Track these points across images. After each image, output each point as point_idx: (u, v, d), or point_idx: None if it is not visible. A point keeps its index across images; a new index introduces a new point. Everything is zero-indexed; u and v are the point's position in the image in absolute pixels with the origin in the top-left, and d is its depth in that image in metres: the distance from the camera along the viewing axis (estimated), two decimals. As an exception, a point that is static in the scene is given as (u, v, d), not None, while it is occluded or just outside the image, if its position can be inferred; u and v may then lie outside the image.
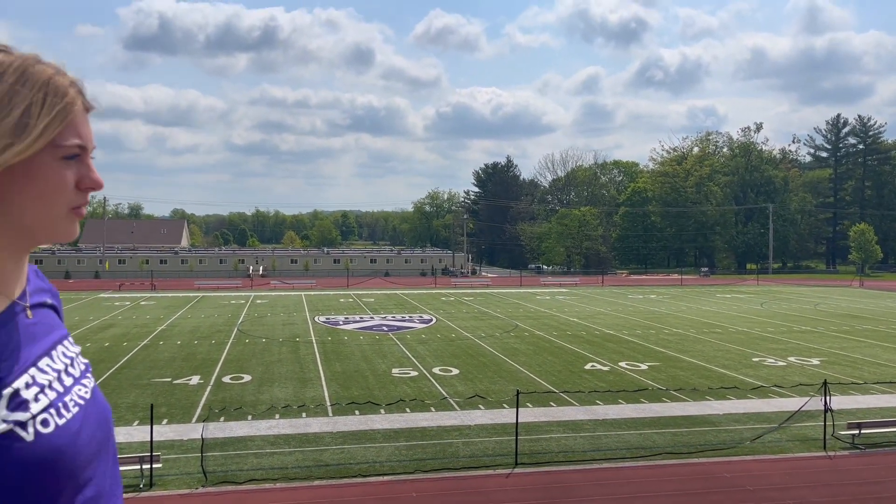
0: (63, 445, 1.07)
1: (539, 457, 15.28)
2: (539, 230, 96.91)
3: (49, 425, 1.07)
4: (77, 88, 1.14)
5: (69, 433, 1.09)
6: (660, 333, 33.36)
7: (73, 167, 1.13)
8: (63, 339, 1.23)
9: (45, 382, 1.11)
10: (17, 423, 1.03)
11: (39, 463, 1.03)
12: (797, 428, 17.46)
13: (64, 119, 1.10)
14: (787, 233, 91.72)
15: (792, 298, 52.09)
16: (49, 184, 1.10)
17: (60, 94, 1.11)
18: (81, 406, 1.16)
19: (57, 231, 1.14)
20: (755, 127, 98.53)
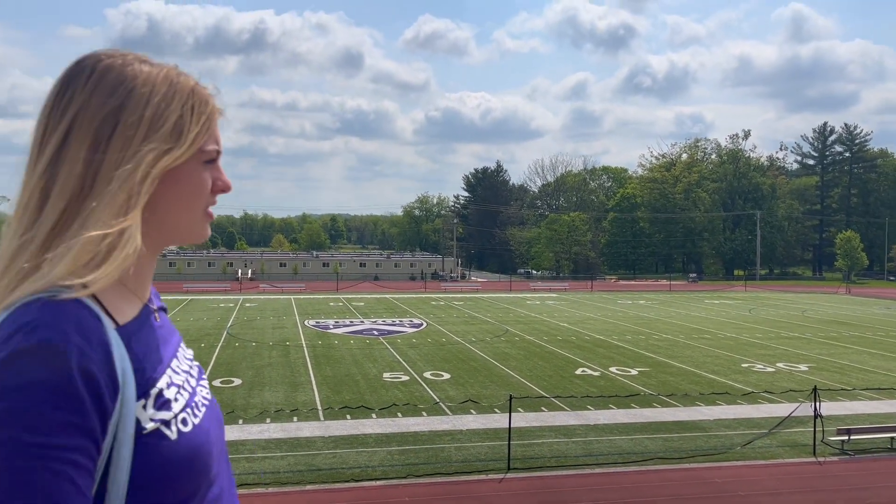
0: (199, 444, 1.10)
1: (532, 462, 15.28)
2: (528, 235, 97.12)
3: (188, 424, 1.10)
4: (205, 86, 1.20)
5: (203, 432, 1.13)
6: (649, 339, 33.48)
7: (209, 170, 1.18)
8: (180, 342, 1.27)
9: (180, 383, 1.15)
10: (162, 422, 1.06)
11: (181, 461, 1.06)
12: (787, 434, 17.56)
13: (209, 126, 1.16)
14: (775, 239, 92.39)
15: (779, 305, 52.45)
16: (192, 187, 1.15)
17: (205, 102, 1.16)
18: (207, 406, 1.20)
19: (194, 232, 1.19)
20: (743, 134, 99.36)
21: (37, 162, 1.08)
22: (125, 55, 1.13)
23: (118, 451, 1.00)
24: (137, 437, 1.02)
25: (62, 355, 0.94)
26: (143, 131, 1.09)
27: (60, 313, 0.98)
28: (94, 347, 0.98)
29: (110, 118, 1.08)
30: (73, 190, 1.05)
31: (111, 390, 0.99)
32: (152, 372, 1.10)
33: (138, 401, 1.04)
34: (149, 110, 1.09)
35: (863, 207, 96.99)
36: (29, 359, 0.93)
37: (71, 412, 0.93)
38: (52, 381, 0.93)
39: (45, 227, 1.05)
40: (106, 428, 0.98)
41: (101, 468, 0.98)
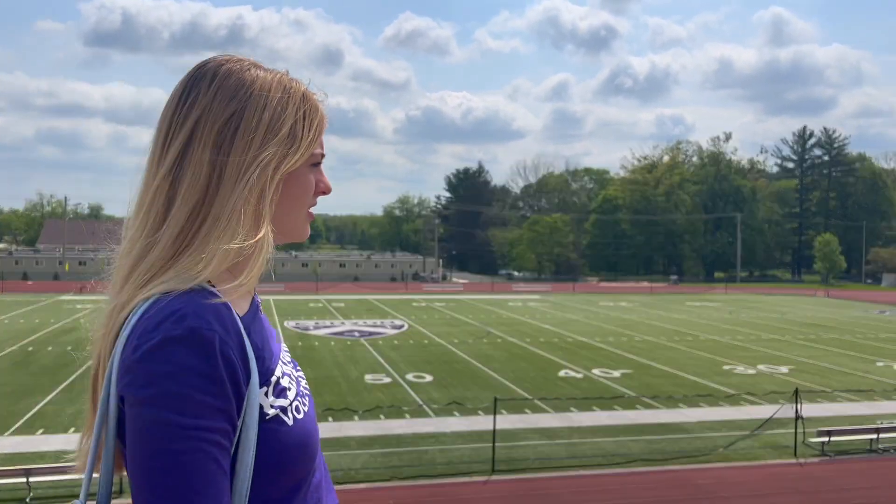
0: (309, 431, 1.16)
1: (516, 464, 15.21)
2: (510, 236, 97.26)
3: (300, 412, 1.16)
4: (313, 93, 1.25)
5: (311, 420, 1.19)
6: (631, 341, 33.58)
7: (314, 173, 1.24)
8: (276, 334, 1.30)
9: (289, 373, 1.21)
10: (281, 409, 1.12)
11: (297, 446, 1.12)
12: (769, 435, 17.64)
13: (320, 132, 1.23)
14: (755, 242, 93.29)
15: (759, 307, 52.91)
16: (301, 189, 1.21)
17: (315, 108, 1.22)
18: (308, 395, 1.25)
19: (297, 231, 1.24)
20: (724, 136, 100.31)
21: (160, 163, 1.14)
22: (241, 60, 1.19)
23: (245, 434, 1.05)
24: (261, 422, 1.08)
25: (208, 343, 1.01)
26: (262, 134, 1.14)
27: (202, 304, 1.05)
28: (231, 336, 1.05)
29: (232, 121, 1.13)
30: (199, 191, 1.11)
31: (245, 376, 1.06)
32: (270, 362, 1.16)
33: (261, 388, 1.10)
34: (266, 114, 1.14)
35: (841, 211, 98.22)
36: (178, 346, 1.00)
37: (215, 396, 1.00)
38: (200, 367, 0.99)
39: (175, 227, 1.11)
40: (240, 412, 1.05)
41: (232, 450, 1.05)
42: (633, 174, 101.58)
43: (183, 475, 0.96)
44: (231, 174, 1.11)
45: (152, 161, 1.16)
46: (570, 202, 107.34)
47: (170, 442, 0.97)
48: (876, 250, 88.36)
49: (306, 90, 1.22)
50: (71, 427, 17.50)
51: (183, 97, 1.15)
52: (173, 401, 0.98)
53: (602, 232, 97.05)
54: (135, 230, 1.15)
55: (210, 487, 0.98)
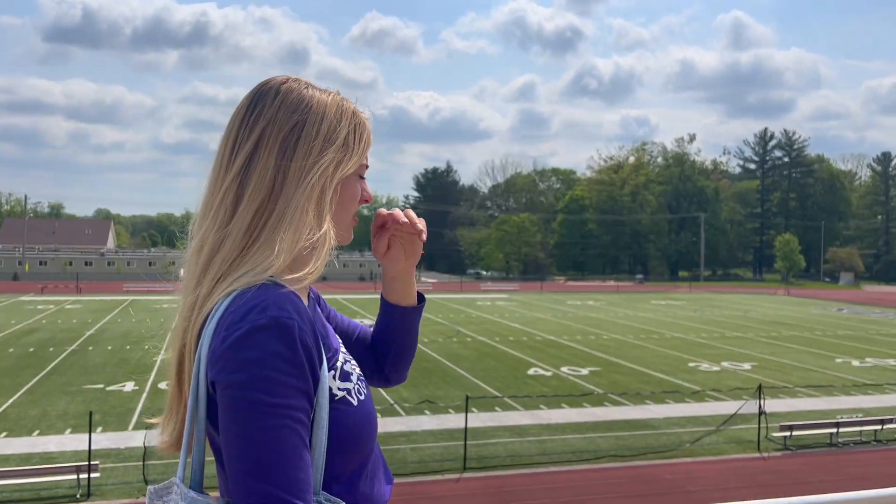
0: (371, 411, 1.29)
1: (487, 461, 15.34)
2: (478, 236, 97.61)
3: (362, 394, 1.28)
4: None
5: (371, 402, 1.31)
6: (599, 339, 34.01)
7: (359, 183, 1.38)
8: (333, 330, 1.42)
9: (349, 359, 1.33)
10: (346, 391, 1.25)
11: (362, 424, 1.24)
12: (733, 430, 18.04)
13: (368, 145, 1.37)
14: (718, 241, 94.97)
15: (723, 305, 53.91)
16: (350, 194, 1.34)
17: (363, 124, 1.36)
18: (365, 381, 1.35)
19: (345, 234, 1.36)
20: (688, 138, 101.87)
21: (229, 167, 1.27)
22: (300, 80, 1.33)
23: (318, 414, 1.17)
24: (331, 403, 1.20)
25: (289, 330, 1.12)
26: (321, 142, 1.28)
27: (280, 295, 1.16)
28: (307, 324, 1.15)
29: (295, 131, 1.27)
30: (265, 191, 1.24)
31: (319, 360, 1.17)
32: (334, 349, 1.28)
33: (329, 371, 1.22)
34: (324, 125, 1.29)
35: (801, 211, 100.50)
36: (263, 333, 1.11)
37: (297, 378, 1.12)
38: (284, 352, 1.10)
39: (243, 224, 1.23)
40: (316, 393, 1.16)
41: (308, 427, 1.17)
42: (599, 174, 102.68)
43: (272, 447, 1.08)
44: (293, 176, 1.25)
45: (220, 166, 1.28)
46: (537, 202, 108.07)
47: (260, 418, 1.08)
48: (834, 250, 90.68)
49: (355, 108, 1.37)
50: (35, 429, 17.18)
51: (250, 109, 1.29)
52: (262, 383, 1.08)
53: (569, 231, 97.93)
54: (205, 229, 1.27)
55: (294, 458, 1.09)
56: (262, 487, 1.07)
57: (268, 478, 1.08)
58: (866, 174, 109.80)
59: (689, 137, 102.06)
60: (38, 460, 14.81)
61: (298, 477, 1.09)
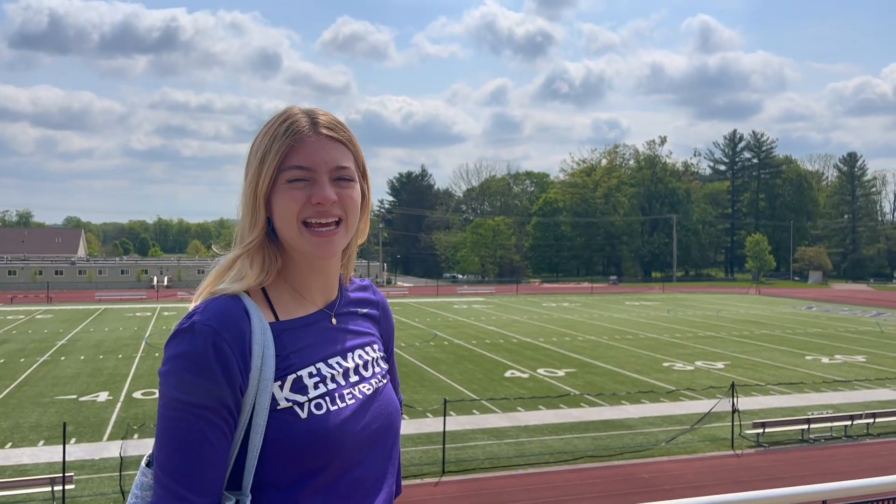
0: (330, 427, 1.29)
1: (466, 464, 15.42)
2: (454, 239, 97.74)
3: (321, 409, 1.30)
4: (310, 118, 1.36)
5: (338, 418, 1.31)
6: (574, 340, 34.27)
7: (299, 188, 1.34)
8: (367, 345, 1.47)
9: (328, 375, 1.35)
10: (295, 403, 1.28)
11: (308, 436, 1.27)
12: (707, 429, 18.32)
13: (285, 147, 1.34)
14: (690, 242, 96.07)
15: (696, 305, 54.60)
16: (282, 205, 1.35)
17: (284, 129, 1.35)
18: (359, 399, 1.37)
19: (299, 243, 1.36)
20: (660, 140, 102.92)
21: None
22: (293, 107, 1.38)
23: (255, 420, 1.25)
24: (272, 411, 1.26)
25: (203, 334, 1.23)
26: (252, 160, 1.36)
27: (213, 305, 1.28)
28: (230, 331, 1.25)
29: (251, 153, 1.38)
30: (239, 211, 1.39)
31: (242, 367, 1.25)
32: (296, 361, 1.32)
33: (275, 381, 1.28)
34: (256, 144, 1.36)
35: (770, 211, 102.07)
36: (181, 336, 1.24)
37: (203, 378, 1.21)
38: (191, 353, 1.22)
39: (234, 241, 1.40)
40: (238, 397, 1.24)
41: (241, 432, 1.25)
42: (572, 177, 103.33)
43: (170, 435, 1.20)
44: (244, 197, 1.38)
45: None
46: (511, 205, 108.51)
47: (165, 409, 1.22)
48: (802, 249, 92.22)
49: (293, 110, 1.37)
50: (8, 442, 16.90)
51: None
52: (170, 378, 1.22)
53: (543, 234, 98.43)
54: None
55: (191, 449, 1.19)
56: (158, 474, 1.20)
57: (164, 465, 1.20)
58: (833, 174, 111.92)
59: (660, 140, 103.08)
60: (12, 473, 14.60)
61: (190, 469, 1.19)
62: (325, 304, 1.43)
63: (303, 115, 1.36)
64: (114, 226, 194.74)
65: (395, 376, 1.63)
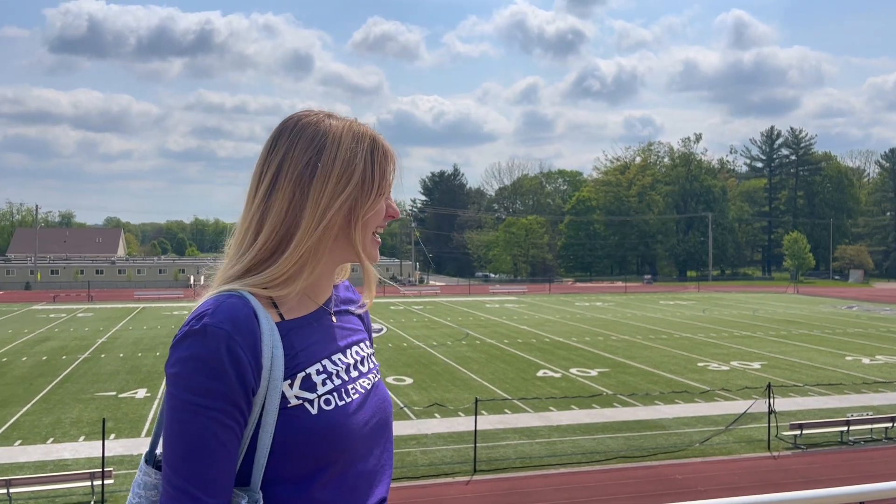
0: (339, 421, 1.32)
1: (497, 463, 15.41)
2: (486, 238, 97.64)
3: (330, 404, 1.33)
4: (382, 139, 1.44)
5: (346, 413, 1.34)
6: (608, 340, 34.00)
7: (384, 200, 1.43)
8: (360, 342, 1.52)
9: (333, 371, 1.38)
10: (305, 400, 1.31)
11: (319, 432, 1.29)
12: (743, 430, 18.04)
13: (392, 172, 1.43)
14: (726, 241, 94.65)
15: (731, 305, 53.76)
16: (373, 219, 1.41)
17: (385, 151, 1.42)
18: (361, 394, 1.41)
19: (367, 252, 1.43)
20: (695, 137, 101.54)
21: (253, 199, 1.37)
22: (318, 113, 1.41)
23: (265, 419, 1.27)
24: (282, 409, 1.28)
25: (216, 338, 1.23)
26: (336, 177, 1.34)
27: (224, 306, 1.27)
28: (243, 335, 1.25)
29: (310, 165, 1.34)
30: (279, 221, 1.34)
31: (254, 369, 1.26)
32: (304, 359, 1.35)
33: (285, 380, 1.30)
34: (339, 159, 1.35)
35: (808, 209, 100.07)
36: (193, 338, 1.23)
37: (215, 380, 1.22)
38: (205, 357, 1.22)
39: (255, 251, 1.35)
40: (250, 398, 1.26)
41: (250, 431, 1.27)
42: (605, 176, 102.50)
43: (183, 439, 1.20)
44: (311, 211, 1.34)
45: (248, 197, 1.40)
46: (544, 204, 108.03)
47: (175, 411, 1.22)
48: (843, 247, 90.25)
49: (374, 133, 1.42)
50: (49, 437, 17.36)
51: (271, 146, 1.39)
52: (182, 380, 1.22)
53: (576, 233, 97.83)
54: (233, 250, 1.40)
55: (203, 453, 1.20)
56: (169, 474, 1.21)
57: (175, 467, 1.21)
58: (874, 171, 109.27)
59: (695, 137, 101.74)
60: (53, 468, 14.99)
61: (202, 470, 1.20)
62: (324, 301, 1.46)
63: (380, 136, 1.44)
64: (152, 226, 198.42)
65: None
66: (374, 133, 1.42)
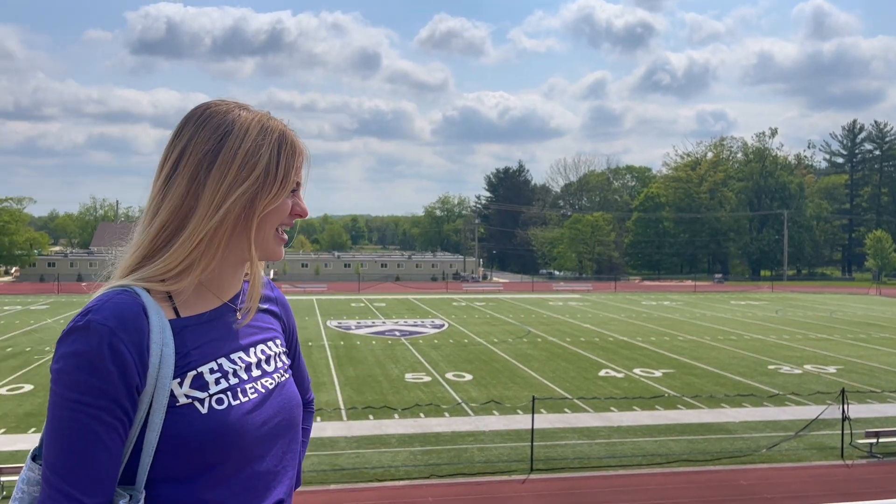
0: (231, 421, 1.30)
1: (554, 463, 15.23)
2: (551, 235, 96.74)
3: (223, 403, 1.31)
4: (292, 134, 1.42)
5: (240, 412, 1.32)
6: (674, 340, 33.20)
7: (290, 198, 1.40)
8: (268, 340, 1.47)
9: (230, 370, 1.35)
10: (195, 399, 1.28)
11: (210, 431, 1.27)
12: (814, 436, 17.32)
13: (298, 167, 1.40)
14: (803, 239, 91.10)
15: (807, 306, 51.71)
16: (275, 215, 1.38)
17: (293, 146, 1.39)
18: (261, 394, 1.38)
19: (269, 250, 1.40)
20: (770, 132, 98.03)
21: (155, 185, 1.35)
22: (228, 103, 1.38)
23: (152, 417, 1.25)
24: (170, 408, 1.26)
25: (98, 335, 1.21)
26: (237, 167, 1.32)
27: (111, 303, 1.25)
28: (128, 332, 1.23)
29: (210, 154, 1.32)
30: (174, 210, 1.32)
31: (139, 367, 1.24)
32: (197, 358, 1.32)
33: (175, 379, 1.28)
34: (241, 149, 1.32)
35: (893, 206, 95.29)
36: (77, 334, 1.21)
37: (97, 378, 1.20)
38: (86, 353, 1.20)
39: (149, 237, 1.33)
40: (134, 396, 1.24)
41: (137, 429, 1.25)
42: (675, 171, 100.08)
43: (60, 434, 1.18)
44: (207, 199, 1.31)
45: (153, 184, 1.38)
46: (611, 200, 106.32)
47: (56, 408, 1.20)
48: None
49: (284, 128, 1.39)
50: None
51: (176, 133, 1.37)
52: (63, 376, 1.20)
53: (644, 230, 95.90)
54: (135, 238, 1.38)
55: (82, 449, 1.18)
56: (47, 473, 1.19)
57: (53, 466, 1.18)
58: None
59: (770, 132, 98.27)
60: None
61: (81, 469, 1.17)
62: (230, 298, 1.42)
63: (284, 126, 1.41)
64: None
65: (303, 371, 1.65)
66: (286, 128, 1.39)
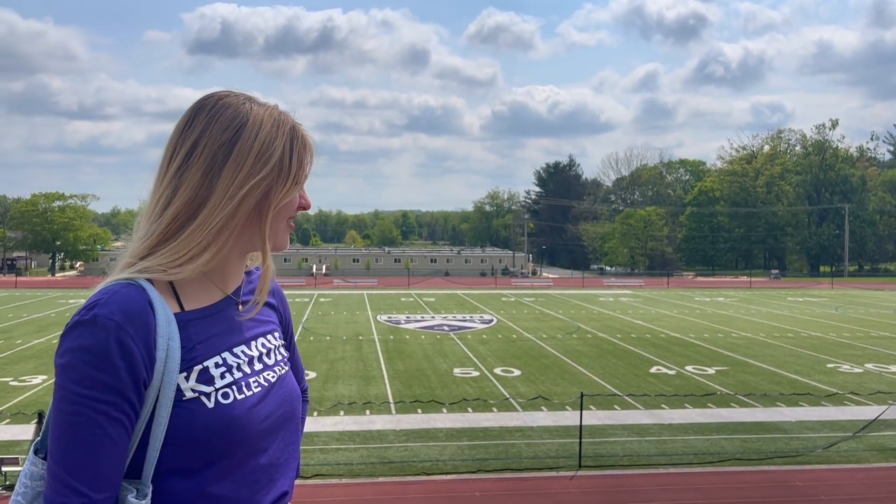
0: (237, 415, 1.31)
1: (603, 460, 15.12)
2: (602, 230, 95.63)
3: (228, 398, 1.31)
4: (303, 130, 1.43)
5: (245, 406, 1.33)
6: (728, 337, 32.51)
7: (297, 191, 1.41)
8: (268, 333, 1.49)
9: (234, 364, 1.36)
10: (201, 393, 1.29)
11: (216, 426, 1.28)
12: (874, 437, 16.78)
13: (309, 163, 1.42)
14: (865, 234, 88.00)
15: (869, 303, 49.99)
16: (285, 208, 1.39)
17: (303, 140, 1.40)
18: (264, 387, 1.39)
19: (278, 241, 1.42)
20: (830, 124, 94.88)
21: (164, 175, 1.34)
22: (238, 95, 1.38)
23: (159, 411, 1.25)
24: (177, 402, 1.26)
25: (105, 329, 1.20)
26: (252, 160, 1.32)
27: (117, 296, 1.24)
28: (135, 326, 1.22)
29: (225, 146, 1.31)
30: (188, 200, 1.31)
31: (147, 361, 1.23)
32: (202, 352, 1.33)
33: (181, 373, 1.28)
34: (257, 143, 1.33)
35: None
36: (83, 328, 1.20)
37: (104, 372, 1.19)
38: (93, 347, 1.19)
39: (161, 227, 1.31)
40: (141, 391, 1.23)
41: (143, 423, 1.25)
42: (730, 165, 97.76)
43: (66, 431, 1.18)
44: (221, 191, 1.30)
45: (159, 174, 1.36)
46: (664, 195, 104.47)
47: (62, 403, 1.19)
48: None
49: (295, 123, 1.41)
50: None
51: (187, 123, 1.36)
52: (69, 371, 1.19)
53: (698, 225, 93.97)
54: (142, 229, 1.36)
55: (89, 444, 1.18)
56: (53, 468, 1.18)
57: (59, 460, 1.18)
58: None
59: (830, 123, 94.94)
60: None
61: (87, 464, 1.17)
62: (232, 290, 1.43)
63: (300, 125, 1.42)
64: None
65: (298, 363, 1.65)
66: (295, 122, 1.40)
